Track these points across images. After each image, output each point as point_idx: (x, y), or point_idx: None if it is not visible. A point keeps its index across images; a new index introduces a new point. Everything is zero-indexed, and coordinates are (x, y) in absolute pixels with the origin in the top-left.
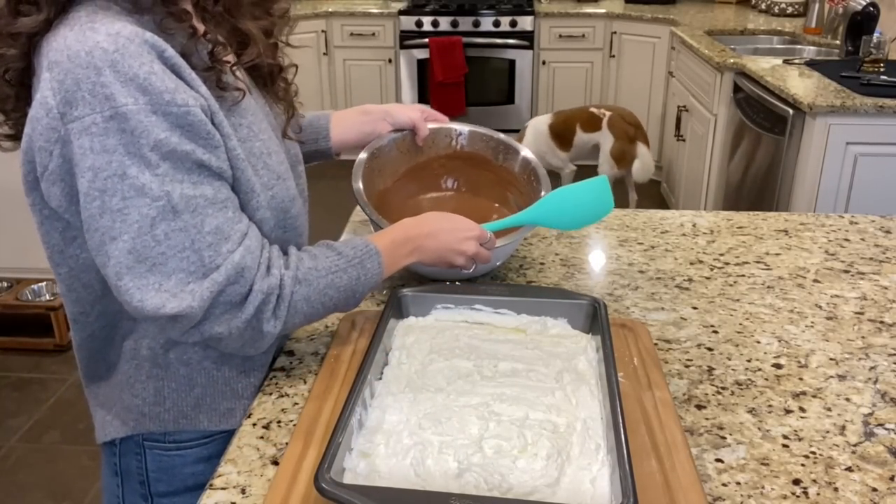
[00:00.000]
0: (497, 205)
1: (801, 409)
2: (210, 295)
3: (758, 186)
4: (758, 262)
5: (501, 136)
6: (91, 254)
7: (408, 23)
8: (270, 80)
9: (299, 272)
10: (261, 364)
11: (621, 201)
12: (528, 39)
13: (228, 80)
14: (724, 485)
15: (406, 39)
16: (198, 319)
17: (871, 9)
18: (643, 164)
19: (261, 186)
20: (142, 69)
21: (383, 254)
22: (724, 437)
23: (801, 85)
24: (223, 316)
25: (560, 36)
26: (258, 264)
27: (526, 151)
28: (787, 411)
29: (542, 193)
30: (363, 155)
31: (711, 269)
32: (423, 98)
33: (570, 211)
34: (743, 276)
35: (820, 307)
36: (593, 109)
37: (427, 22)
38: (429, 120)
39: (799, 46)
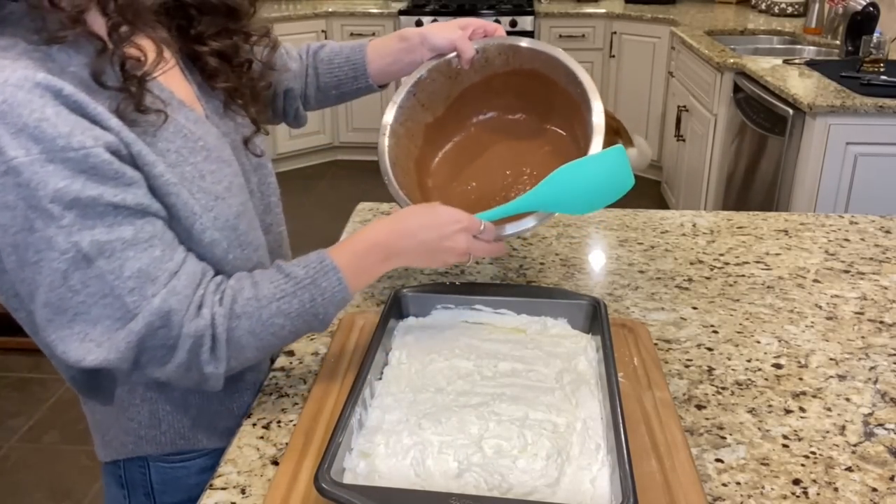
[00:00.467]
0: (564, 133)
1: (801, 409)
2: (127, 345)
3: (758, 186)
4: (758, 262)
5: (568, 63)
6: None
7: (408, 23)
8: (231, 99)
9: (236, 306)
10: (252, 382)
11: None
12: None
13: (149, 103)
14: (724, 485)
15: None
16: (127, 367)
17: (871, 9)
18: (641, 152)
19: (200, 209)
20: (31, 117)
21: (343, 268)
22: (724, 437)
23: (801, 85)
24: (153, 362)
25: (560, 36)
26: (187, 305)
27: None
28: (787, 411)
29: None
30: (397, 100)
31: (711, 269)
32: None
33: (582, 191)
34: (743, 276)
35: (820, 307)
36: None
37: (427, 22)
38: (474, 36)
39: (799, 46)
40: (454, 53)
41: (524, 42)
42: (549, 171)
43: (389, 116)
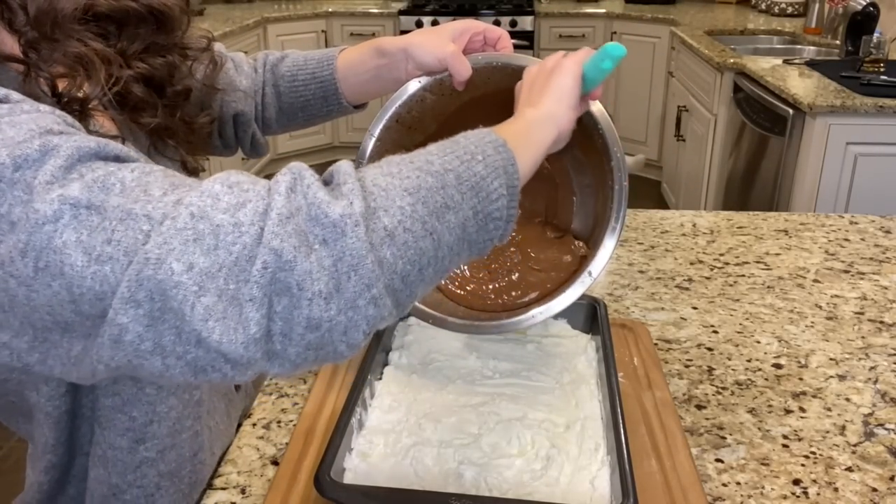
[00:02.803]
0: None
1: (801, 409)
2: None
3: (758, 186)
4: (758, 262)
5: None
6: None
7: (408, 23)
8: (159, 138)
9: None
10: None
11: None
12: (528, 39)
13: (95, 128)
14: (724, 485)
15: None
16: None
17: (871, 9)
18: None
19: None
20: None
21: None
22: (724, 437)
23: (801, 85)
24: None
25: (560, 36)
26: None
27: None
28: (787, 411)
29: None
30: (374, 131)
31: (711, 269)
32: None
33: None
34: (743, 276)
35: (820, 307)
36: None
37: (427, 22)
38: (472, 46)
39: (799, 46)
40: (446, 73)
41: (527, 62)
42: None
43: (367, 148)
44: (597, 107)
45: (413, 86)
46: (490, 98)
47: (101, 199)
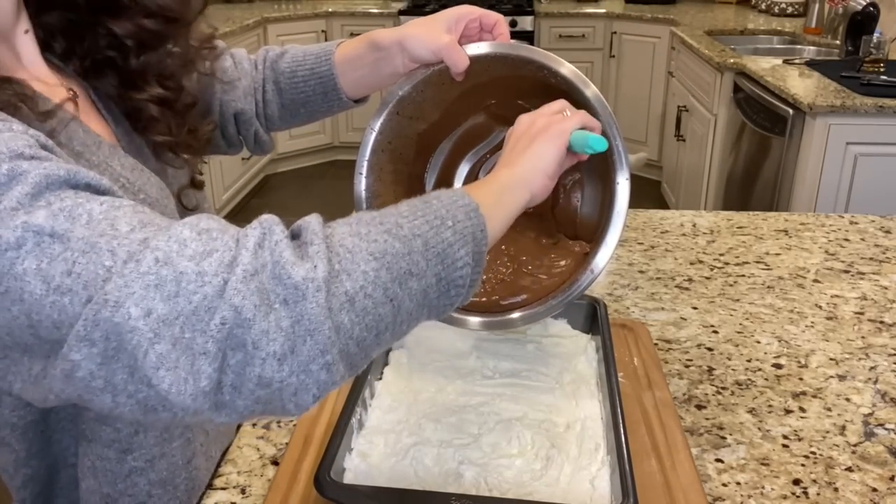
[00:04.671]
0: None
1: (801, 409)
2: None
3: (758, 186)
4: (758, 262)
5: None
6: None
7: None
8: (165, 149)
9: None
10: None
11: None
12: (528, 40)
13: (42, 105)
14: (724, 485)
15: None
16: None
17: (871, 9)
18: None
19: None
20: None
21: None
22: (724, 437)
23: (801, 85)
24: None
25: (560, 36)
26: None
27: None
28: (787, 411)
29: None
30: (375, 126)
31: (711, 269)
32: None
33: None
34: (743, 276)
35: (820, 307)
36: None
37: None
38: (469, 34)
39: (799, 46)
40: (444, 63)
41: (525, 52)
42: None
43: (368, 142)
44: (594, 93)
45: (412, 77)
46: (491, 84)
47: (65, 229)
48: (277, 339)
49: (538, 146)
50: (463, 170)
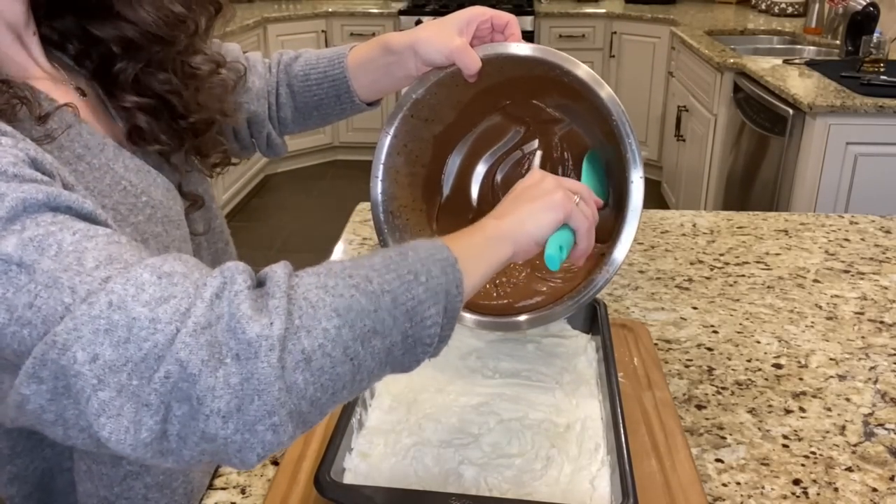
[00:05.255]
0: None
1: (801, 409)
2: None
3: (758, 186)
4: (758, 262)
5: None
6: None
7: (408, 23)
8: (168, 155)
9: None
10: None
11: None
12: (528, 40)
13: (44, 107)
14: (724, 485)
15: None
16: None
17: (871, 9)
18: None
19: None
20: None
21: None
22: (724, 437)
23: (801, 85)
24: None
25: (560, 36)
26: (200, 275)
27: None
28: (787, 411)
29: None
30: (389, 130)
31: (711, 269)
32: None
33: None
34: (743, 276)
35: (820, 307)
36: None
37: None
38: (480, 35)
39: (799, 46)
40: (455, 66)
41: (535, 52)
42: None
43: (383, 146)
44: (608, 94)
45: (425, 80)
46: (506, 85)
47: (32, 260)
48: (223, 396)
49: (537, 208)
50: (480, 171)
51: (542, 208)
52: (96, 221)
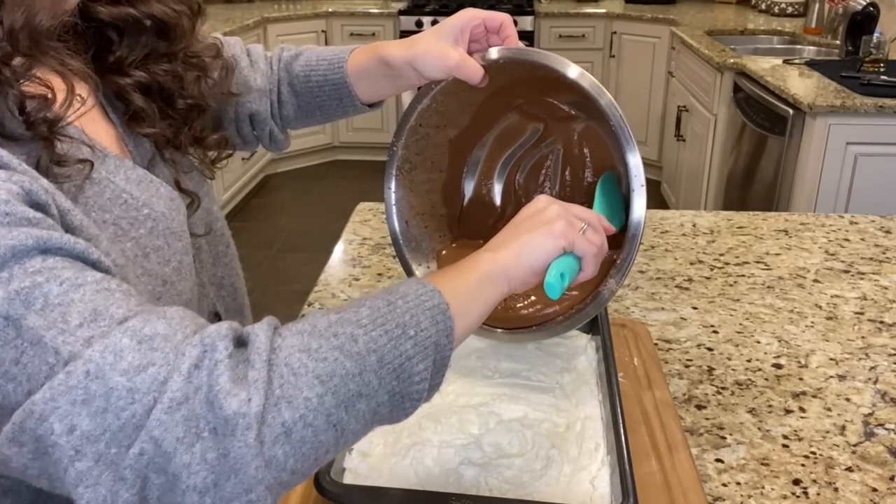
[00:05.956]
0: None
1: (801, 409)
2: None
3: (758, 186)
4: (758, 262)
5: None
6: None
7: (408, 23)
8: (163, 148)
9: (277, 331)
10: None
11: None
12: (528, 40)
13: (66, 150)
14: (724, 485)
15: None
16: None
17: (871, 9)
18: None
19: (146, 298)
20: None
21: (431, 279)
22: (724, 437)
23: (801, 85)
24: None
25: (560, 36)
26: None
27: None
28: (787, 411)
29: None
30: (398, 144)
31: (711, 269)
32: None
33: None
34: (743, 276)
35: (820, 307)
36: None
37: (427, 22)
38: (477, 40)
39: (799, 46)
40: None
41: (538, 57)
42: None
43: (395, 157)
44: (608, 101)
45: (428, 90)
46: (516, 85)
47: (19, 314)
48: (200, 472)
49: (536, 238)
50: (501, 171)
51: (541, 238)
52: (87, 261)
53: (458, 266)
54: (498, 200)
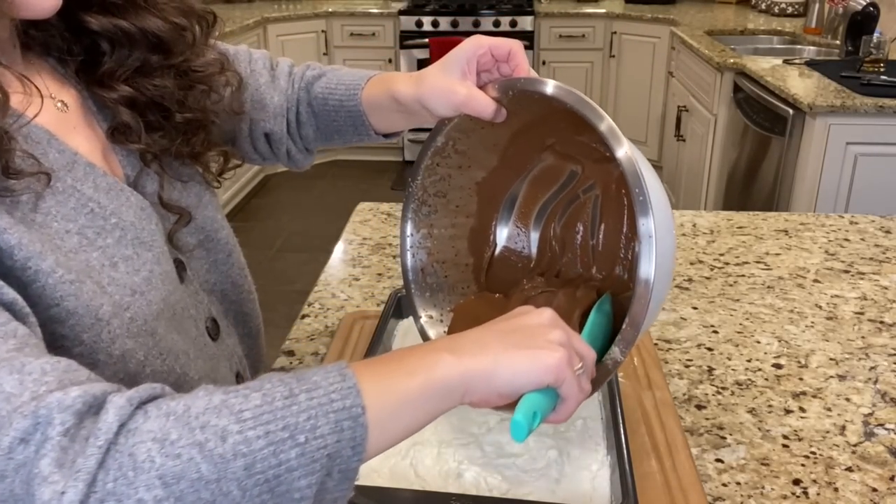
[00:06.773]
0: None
1: (801, 409)
2: None
3: (758, 186)
4: (758, 262)
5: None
6: None
7: (408, 23)
8: (150, 161)
9: (150, 403)
10: None
11: None
12: (528, 40)
13: (19, 164)
14: (724, 485)
15: (406, 39)
16: None
17: (871, 9)
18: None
19: (111, 311)
20: None
21: (357, 371)
22: (724, 437)
23: (801, 85)
24: None
25: (560, 36)
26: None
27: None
28: (787, 411)
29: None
30: (416, 178)
31: (711, 269)
32: None
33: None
34: (743, 276)
35: (820, 307)
36: None
37: (427, 22)
38: (485, 71)
39: (799, 46)
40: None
41: (550, 90)
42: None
43: (408, 207)
44: (625, 154)
45: (441, 127)
46: (541, 122)
47: None
48: None
49: (521, 360)
50: (539, 218)
51: (529, 362)
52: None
53: (404, 356)
54: (533, 251)
